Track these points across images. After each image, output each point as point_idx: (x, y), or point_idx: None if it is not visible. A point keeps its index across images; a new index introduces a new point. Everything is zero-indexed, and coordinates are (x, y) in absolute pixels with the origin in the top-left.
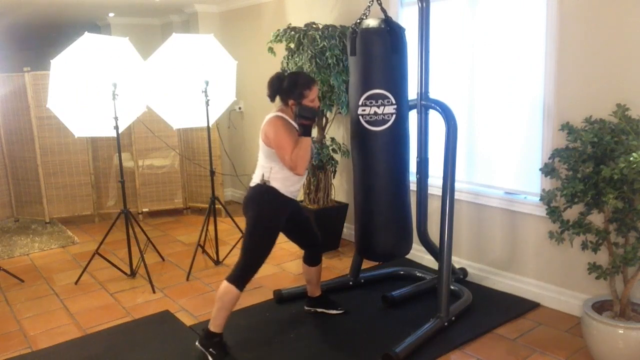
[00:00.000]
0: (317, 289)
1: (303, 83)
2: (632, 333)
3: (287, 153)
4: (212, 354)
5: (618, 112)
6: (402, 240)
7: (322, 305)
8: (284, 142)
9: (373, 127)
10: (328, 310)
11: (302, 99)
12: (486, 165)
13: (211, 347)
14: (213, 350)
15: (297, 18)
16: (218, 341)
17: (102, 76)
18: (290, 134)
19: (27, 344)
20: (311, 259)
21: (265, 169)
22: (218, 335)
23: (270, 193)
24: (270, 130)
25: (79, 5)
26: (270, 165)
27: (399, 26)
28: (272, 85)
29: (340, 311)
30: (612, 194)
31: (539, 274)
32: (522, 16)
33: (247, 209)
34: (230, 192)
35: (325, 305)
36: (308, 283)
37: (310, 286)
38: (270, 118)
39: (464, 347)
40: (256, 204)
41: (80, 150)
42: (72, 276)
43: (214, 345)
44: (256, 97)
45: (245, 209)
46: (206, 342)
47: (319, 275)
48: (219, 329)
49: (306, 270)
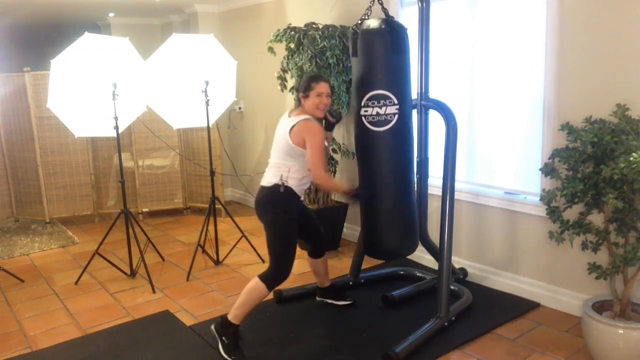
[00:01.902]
0: (326, 280)
1: (311, 76)
2: (632, 333)
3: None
4: (223, 342)
5: (618, 112)
6: (407, 239)
7: (330, 296)
8: (322, 145)
9: (375, 127)
10: (336, 302)
11: (310, 90)
12: (486, 165)
13: (224, 335)
14: (225, 340)
15: (297, 18)
16: (233, 332)
17: (102, 76)
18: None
19: (27, 344)
20: (316, 252)
21: (283, 169)
22: (234, 326)
23: (286, 193)
24: (308, 134)
25: (79, 5)
26: (291, 164)
27: (400, 26)
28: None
29: (349, 302)
30: (612, 194)
31: (539, 274)
32: (522, 16)
33: (264, 210)
34: (230, 192)
35: (334, 296)
36: (316, 275)
37: (319, 278)
38: (305, 122)
39: (464, 347)
40: (273, 204)
41: (80, 150)
42: (72, 276)
43: (228, 334)
44: (256, 97)
45: (262, 210)
46: (221, 329)
47: (326, 267)
48: (237, 320)
49: (312, 263)
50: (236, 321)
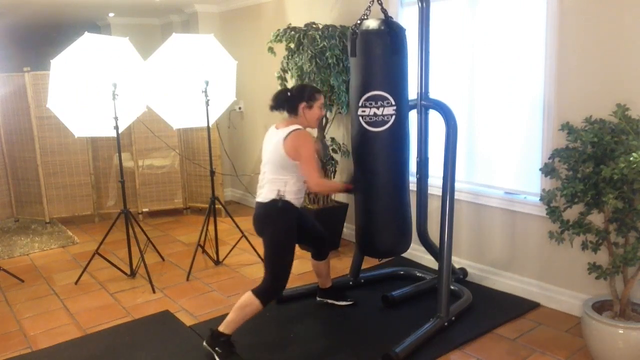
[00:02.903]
0: (327, 281)
1: (312, 88)
2: (632, 333)
3: (314, 169)
4: (217, 352)
5: (618, 112)
6: (401, 238)
7: (331, 296)
8: (314, 154)
9: (373, 128)
10: (337, 302)
11: (314, 101)
12: (486, 165)
13: (217, 345)
14: (219, 349)
15: (297, 18)
16: (224, 340)
17: (102, 76)
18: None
19: (27, 344)
20: (319, 255)
21: (279, 183)
22: (225, 335)
23: (286, 208)
24: (302, 144)
25: (79, 5)
26: (287, 177)
27: (399, 27)
28: (277, 98)
29: (350, 302)
30: (612, 194)
31: (539, 274)
32: (522, 16)
33: (264, 226)
34: (230, 192)
35: (335, 297)
36: (318, 276)
37: (321, 279)
38: (299, 132)
39: (464, 347)
40: (273, 220)
41: (80, 150)
42: (72, 276)
43: (220, 344)
44: (256, 97)
45: (261, 226)
46: (212, 341)
47: (329, 268)
48: (228, 330)
49: (315, 265)
50: (228, 331)
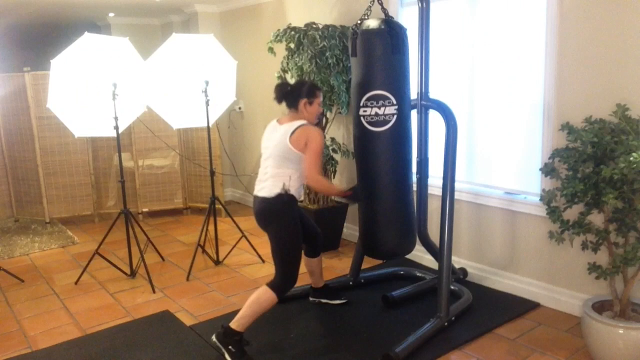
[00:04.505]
0: (320, 280)
1: (312, 84)
2: (632, 333)
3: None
4: (230, 351)
5: (618, 112)
6: (404, 239)
7: (325, 295)
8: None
9: (374, 127)
10: (331, 301)
11: (314, 97)
12: (486, 165)
13: (231, 344)
14: (232, 348)
15: (297, 18)
16: (238, 340)
17: (102, 76)
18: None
19: (27, 344)
20: (312, 251)
21: (284, 177)
22: (239, 334)
23: (291, 201)
24: (312, 138)
25: (79, 5)
26: (291, 171)
27: (400, 26)
28: (280, 89)
29: (343, 301)
30: (612, 194)
31: (539, 274)
32: (522, 16)
33: (270, 221)
34: (230, 192)
35: (328, 296)
36: (311, 275)
37: (314, 277)
38: (308, 126)
39: (464, 347)
40: (278, 214)
41: (80, 150)
42: (72, 276)
43: (234, 343)
44: (256, 97)
45: (267, 221)
46: (225, 339)
47: (321, 267)
48: (242, 328)
49: (308, 263)
50: (241, 329)
